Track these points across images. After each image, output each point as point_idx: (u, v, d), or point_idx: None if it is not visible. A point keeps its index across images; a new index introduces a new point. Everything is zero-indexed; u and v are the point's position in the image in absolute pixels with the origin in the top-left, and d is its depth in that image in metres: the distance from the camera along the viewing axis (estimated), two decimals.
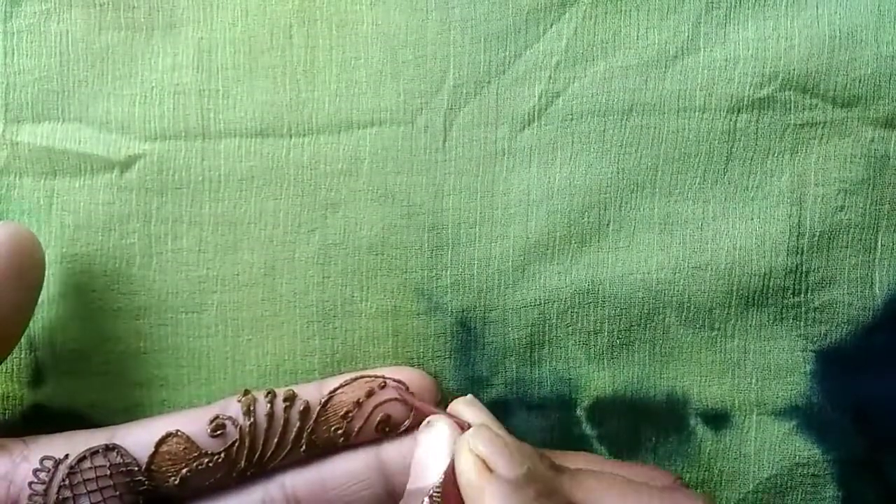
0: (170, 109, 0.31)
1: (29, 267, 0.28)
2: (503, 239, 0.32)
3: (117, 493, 0.29)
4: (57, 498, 0.28)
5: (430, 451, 0.26)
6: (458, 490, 0.25)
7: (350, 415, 0.30)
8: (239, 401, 0.30)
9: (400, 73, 0.31)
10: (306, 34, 0.31)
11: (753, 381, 0.32)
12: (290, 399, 0.30)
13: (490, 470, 0.24)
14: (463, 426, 0.27)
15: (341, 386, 0.30)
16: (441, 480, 0.26)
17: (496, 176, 0.31)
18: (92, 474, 0.29)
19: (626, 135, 0.31)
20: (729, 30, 0.31)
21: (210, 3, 0.31)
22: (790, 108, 0.31)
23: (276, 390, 0.30)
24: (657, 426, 0.32)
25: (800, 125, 0.31)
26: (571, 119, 0.31)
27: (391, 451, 0.30)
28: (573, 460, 0.28)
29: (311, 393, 0.30)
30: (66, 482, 0.28)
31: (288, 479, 0.30)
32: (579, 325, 0.32)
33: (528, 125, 0.31)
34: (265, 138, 0.31)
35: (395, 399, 0.30)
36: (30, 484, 0.28)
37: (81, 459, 0.29)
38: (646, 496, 0.26)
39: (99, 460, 0.29)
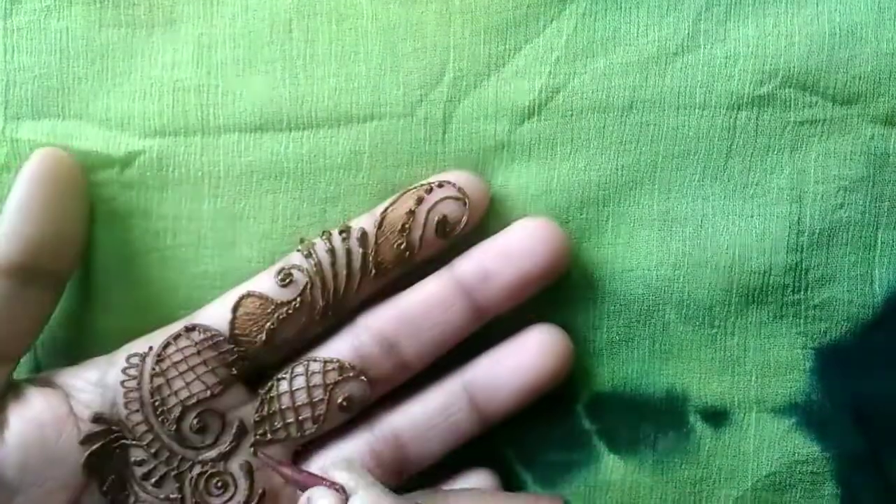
0: (169, 106, 0.31)
1: (68, 183, 0.29)
2: None
3: (209, 368, 0.29)
4: (151, 386, 0.29)
5: None
6: None
7: (406, 226, 0.30)
8: (298, 250, 0.30)
9: (399, 65, 0.31)
10: (306, 28, 0.31)
11: (753, 378, 0.32)
12: (346, 230, 0.30)
13: None
14: (339, 489, 0.27)
15: (390, 204, 0.30)
16: None
17: (495, 169, 0.31)
18: (180, 356, 0.29)
19: (626, 131, 0.31)
20: (729, 27, 0.31)
21: None
22: (790, 106, 0.31)
23: (330, 229, 0.30)
24: (656, 423, 0.32)
25: (800, 122, 0.31)
26: (571, 115, 0.31)
27: (463, 265, 0.30)
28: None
29: (365, 221, 0.30)
30: (156, 369, 0.29)
31: (371, 320, 0.30)
32: (578, 320, 0.32)
33: (528, 119, 0.31)
34: (264, 133, 0.31)
35: (447, 198, 0.30)
36: (122, 382, 0.29)
37: (166, 346, 0.29)
38: None
39: (182, 342, 0.29)
